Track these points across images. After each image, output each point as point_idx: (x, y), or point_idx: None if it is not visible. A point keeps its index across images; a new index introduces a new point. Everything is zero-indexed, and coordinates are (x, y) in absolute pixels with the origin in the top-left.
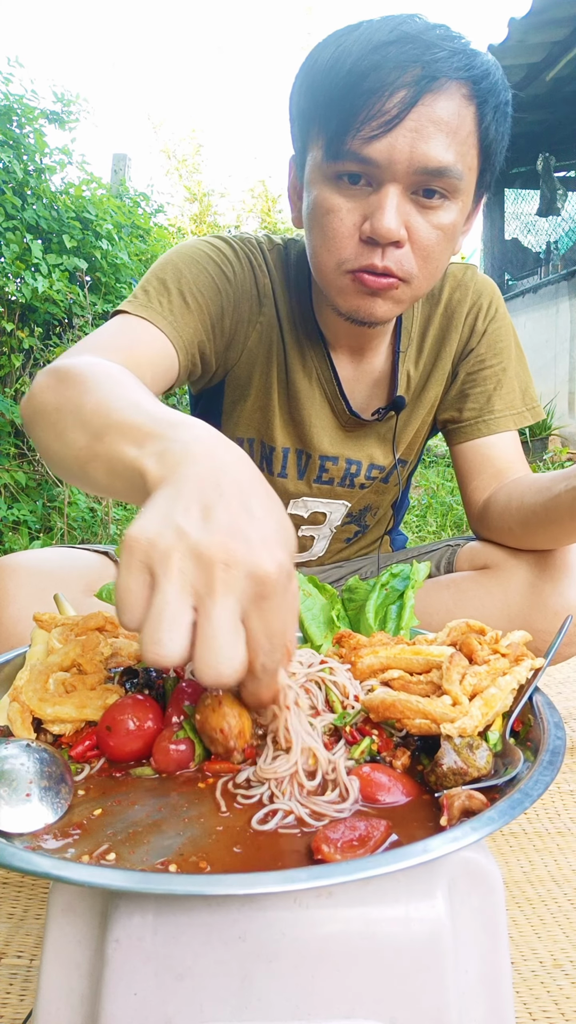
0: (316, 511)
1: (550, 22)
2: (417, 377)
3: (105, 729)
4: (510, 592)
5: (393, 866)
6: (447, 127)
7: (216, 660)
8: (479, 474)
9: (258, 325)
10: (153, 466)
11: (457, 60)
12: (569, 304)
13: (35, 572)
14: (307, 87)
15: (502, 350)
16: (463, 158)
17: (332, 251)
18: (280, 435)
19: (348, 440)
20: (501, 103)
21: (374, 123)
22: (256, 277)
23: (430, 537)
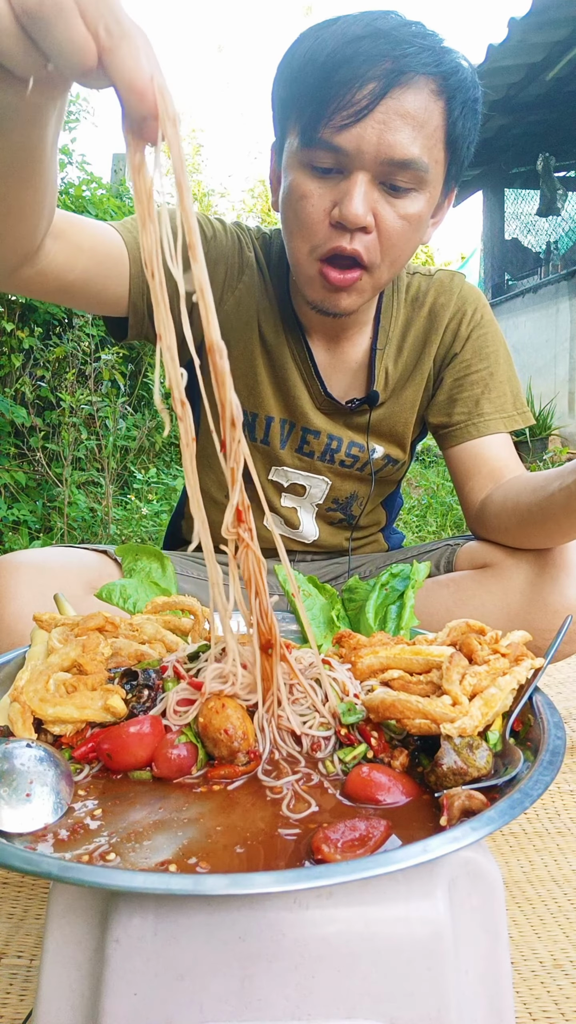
0: (295, 482)
1: (550, 22)
2: (396, 376)
3: (107, 756)
4: (510, 591)
5: (393, 866)
6: (414, 120)
7: None
8: (474, 476)
9: (236, 292)
10: None
11: (426, 56)
12: (569, 304)
13: (36, 570)
14: (286, 77)
15: (489, 355)
16: (429, 151)
17: (305, 236)
18: (267, 402)
19: (327, 419)
20: (469, 99)
21: (344, 113)
22: (241, 248)
23: (430, 537)
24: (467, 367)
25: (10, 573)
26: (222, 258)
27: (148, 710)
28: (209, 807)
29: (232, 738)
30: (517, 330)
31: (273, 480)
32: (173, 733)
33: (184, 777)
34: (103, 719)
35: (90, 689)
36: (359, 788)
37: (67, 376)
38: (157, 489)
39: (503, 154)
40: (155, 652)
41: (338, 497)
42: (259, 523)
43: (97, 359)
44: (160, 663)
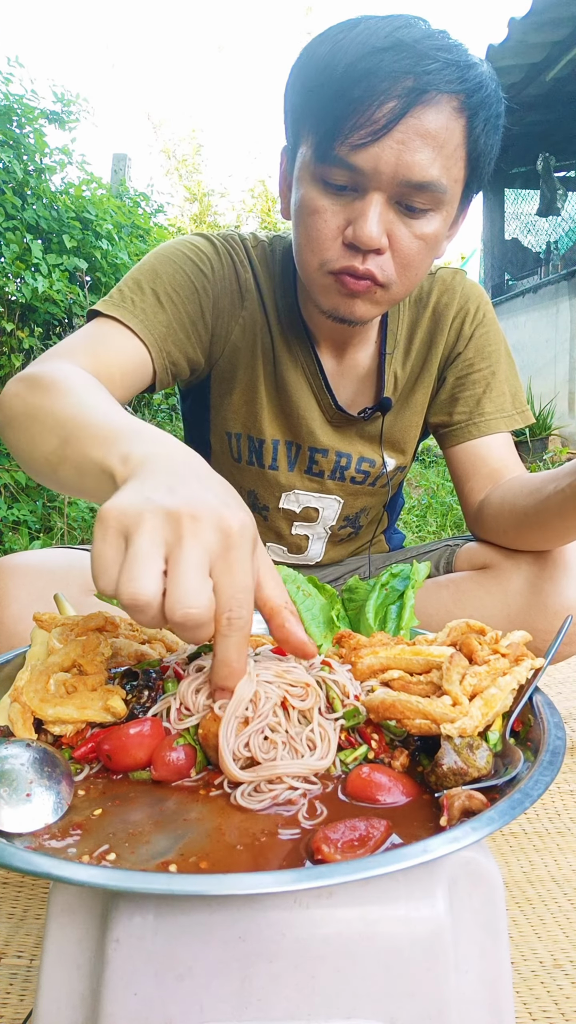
0: (308, 506)
1: (550, 22)
2: (405, 379)
3: (106, 757)
4: (510, 591)
5: (393, 866)
6: (434, 141)
7: (185, 596)
8: (473, 476)
9: (240, 320)
10: (119, 466)
11: (449, 73)
12: (569, 304)
13: (36, 572)
14: (301, 82)
15: (491, 354)
16: (448, 171)
17: (315, 251)
18: (269, 427)
19: (336, 434)
20: (492, 115)
21: (362, 132)
22: (238, 272)
23: (430, 537)
24: (469, 366)
25: (9, 575)
26: (224, 290)
27: (148, 710)
28: (209, 807)
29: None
30: (517, 330)
31: (284, 508)
32: (171, 735)
33: (183, 780)
34: (103, 719)
35: (90, 689)
36: (359, 788)
37: None
38: None
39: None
40: (155, 652)
41: (349, 514)
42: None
43: None
44: (160, 663)
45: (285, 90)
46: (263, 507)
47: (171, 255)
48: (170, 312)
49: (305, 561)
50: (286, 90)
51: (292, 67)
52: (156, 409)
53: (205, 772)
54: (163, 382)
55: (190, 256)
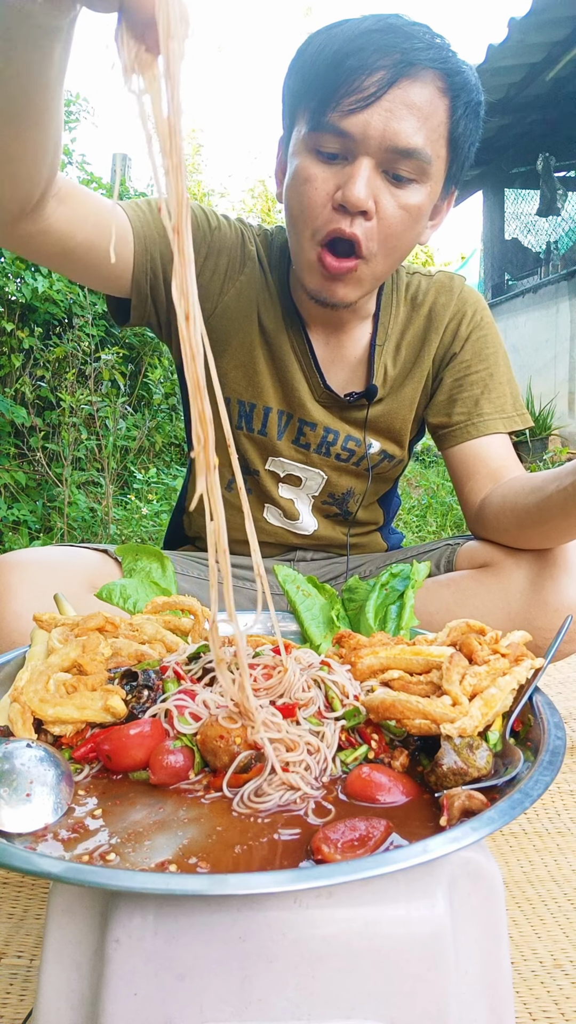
0: (291, 473)
1: (550, 22)
2: (395, 374)
3: (106, 758)
4: (510, 591)
5: (393, 866)
6: (419, 112)
7: None
8: (473, 476)
9: (237, 283)
10: None
11: (434, 52)
12: (569, 304)
13: (37, 569)
14: (297, 69)
15: (488, 356)
16: (432, 144)
17: (306, 220)
18: (265, 393)
19: (325, 412)
20: (473, 102)
21: (352, 98)
22: (244, 242)
23: (430, 537)
24: (467, 367)
25: (10, 572)
26: (225, 249)
27: (148, 710)
28: (209, 807)
29: (230, 742)
30: (517, 330)
31: (270, 470)
32: (169, 738)
33: (182, 783)
34: (103, 719)
35: (90, 689)
36: (360, 788)
37: (67, 376)
38: (157, 489)
39: (503, 154)
40: (155, 652)
41: (334, 492)
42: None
43: (97, 359)
44: (160, 663)
45: (283, 83)
46: (254, 471)
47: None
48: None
49: (302, 530)
50: (284, 80)
51: (290, 61)
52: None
53: (203, 774)
54: (139, 284)
55: (203, 208)
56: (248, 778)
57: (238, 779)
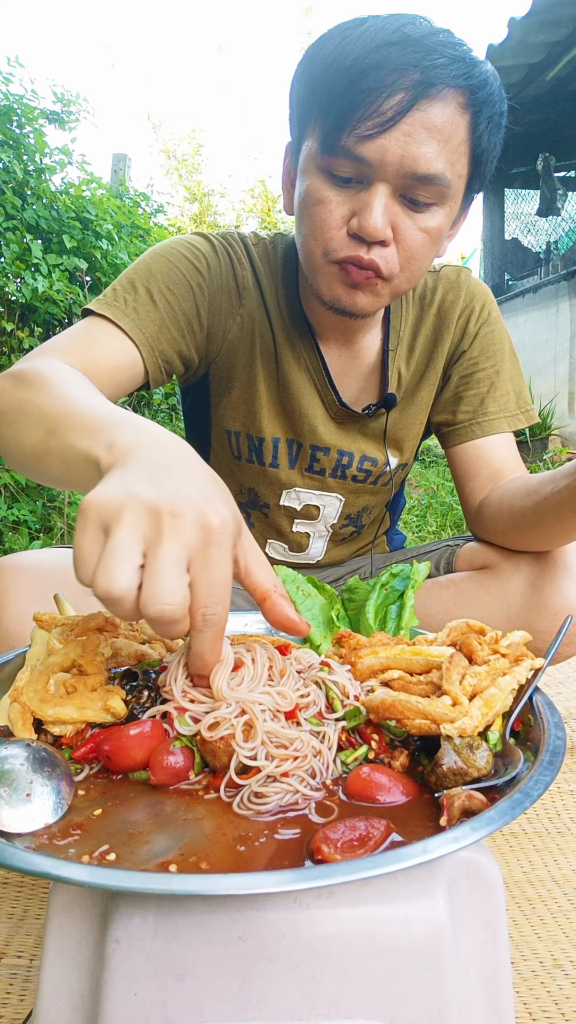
0: (309, 503)
1: (550, 22)
2: (409, 377)
3: (106, 758)
4: (510, 592)
5: (393, 866)
6: (440, 134)
7: (160, 592)
8: (474, 476)
9: (238, 318)
10: (104, 454)
11: (456, 68)
12: (569, 304)
13: (35, 572)
14: (308, 76)
15: (495, 353)
16: (453, 166)
17: (319, 240)
18: (268, 425)
19: (339, 432)
20: (496, 114)
21: (369, 123)
22: (235, 270)
23: (430, 537)
24: (474, 364)
25: (9, 576)
26: (221, 289)
27: (148, 710)
28: (210, 807)
29: (230, 743)
30: (517, 330)
31: (285, 505)
32: (169, 739)
33: (182, 783)
34: (103, 719)
35: (90, 690)
36: (360, 789)
37: None
38: None
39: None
40: (155, 652)
41: (351, 513)
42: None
43: None
44: (160, 663)
45: (291, 85)
46: (263, 504)
47: (167, 253)
48: (163, 310)
49: (306, 560)
50: (292, 84)
51: (299, 62)
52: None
53: (203, 775)
54: (157, 380)
55: (186, 254)
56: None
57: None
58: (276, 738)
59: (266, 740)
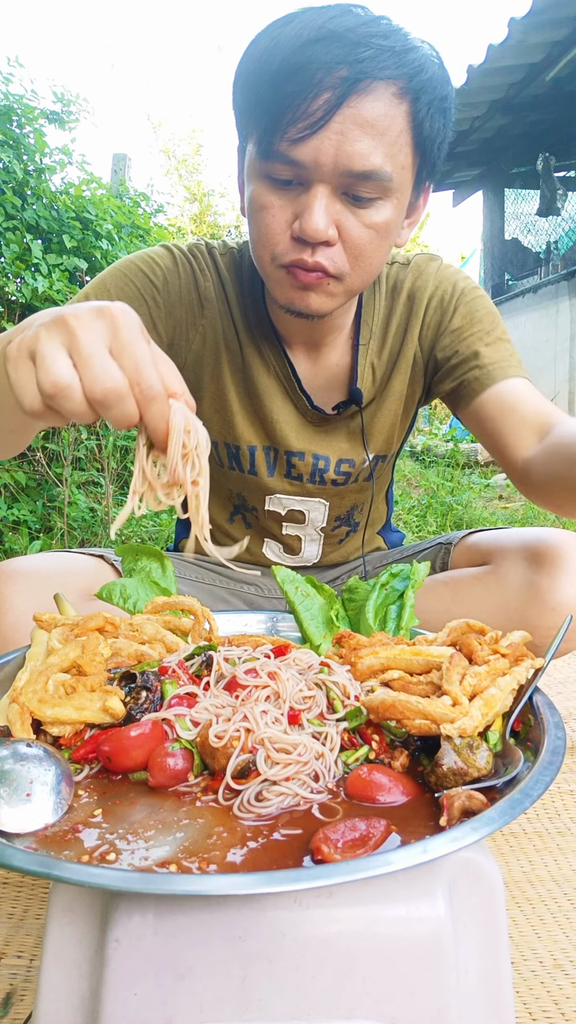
0: (292, 509)
1: (550, 22)
2: (382, 368)
3: (106, 759)
4: (508, 589)
5: (393, 866)
6: (373, 129)
7: (98, 374)
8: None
9: (200, 328)
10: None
11: (385, 59)
12: (569, 304)
13: (33, 578)
14: (242, 81)
15: (482, 318)
16: (393, 158)
17: (266, 246)
18: (244, 433)
19: (315, 436)
20: (437, 98)
21: (299, 125)
22: (197, 281)
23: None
24: (459, 331)
25: (6, 581)
26: (179, 301)
27: (146, 712)
28: (209, 807)
29: (228, 743)
30: (517, 330)
31: (270, 509)
32: (168, 740)
33: (180, 785)
34: (101, 720)
35: (89, 690)
36: (360, 789)
37: None
38: None
39: (503, 154)
40: (155, 652)
41: (340, 514)
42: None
43: None
44: (160, 664)
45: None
46: (252, 508)
47: (123, 267)
48: None
49: (302, 563)
50: (232, 86)
51: (238, 63)
52: None
53: (202, 776)
54: None
55: (142, 268)
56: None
57: (239, 782)
58: (278, 743)
59: (267, 745)
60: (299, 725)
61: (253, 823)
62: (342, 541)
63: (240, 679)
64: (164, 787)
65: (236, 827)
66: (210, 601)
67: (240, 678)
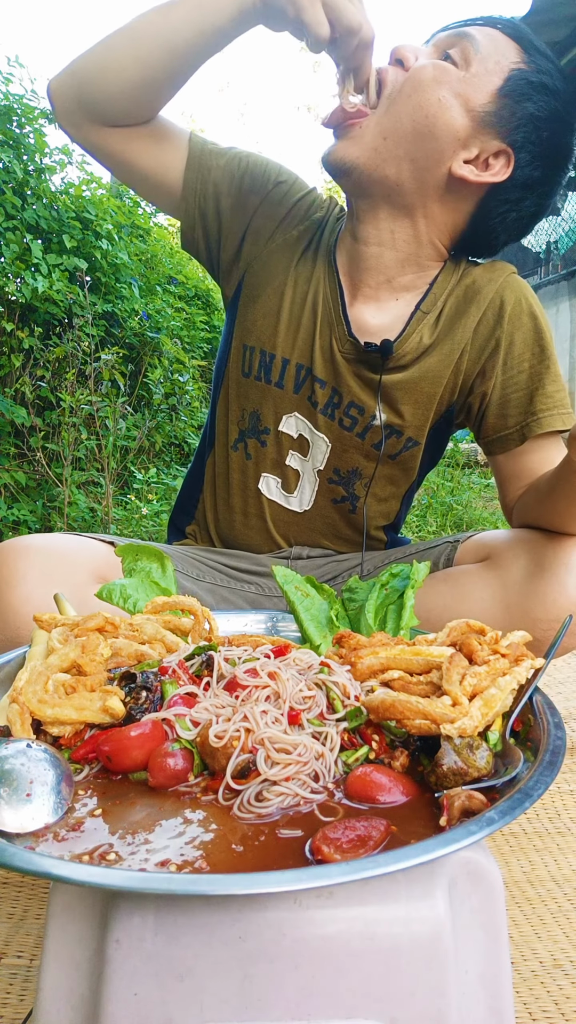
0: (302, 434)
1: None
2: (428, 345)
3: (106, 759)
4: (507, 585)
5: (393, 866)
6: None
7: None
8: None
9: (288, 235)
10: None
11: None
12: (569, 304)
13: (43, 555)
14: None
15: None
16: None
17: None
18: (284, 343)
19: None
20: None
21: None
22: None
23: (430, 537)
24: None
25: (17, 556)
26: (284, 202)
27: (146, 712)
28: (209, 808)
29: (228, 743)
30: None
31: (283, 431)
32: (168, 740)
33: (180, 785)
34: (101, 720)
35: (89, 690)
36: (360, 789)
37: (67, 376)
38: (157, 489)
39: None
40: (155, 652)
41: (340, 467)
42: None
43: (97, 359)
44: (160, 664)
45: None
46: (264, 430)
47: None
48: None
49: (294, 507)
50: None
51: None
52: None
53: (202, 777)
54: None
55: (281, 167)
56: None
57: (239, 782)
58: (278, 743)
59: (267, 745)
60: (299, 725)
61: (253, 823)
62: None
63: (240, 679)
64: (164, 787)
65: (236, 827)
66: (211, 599)
67: (240, 678)
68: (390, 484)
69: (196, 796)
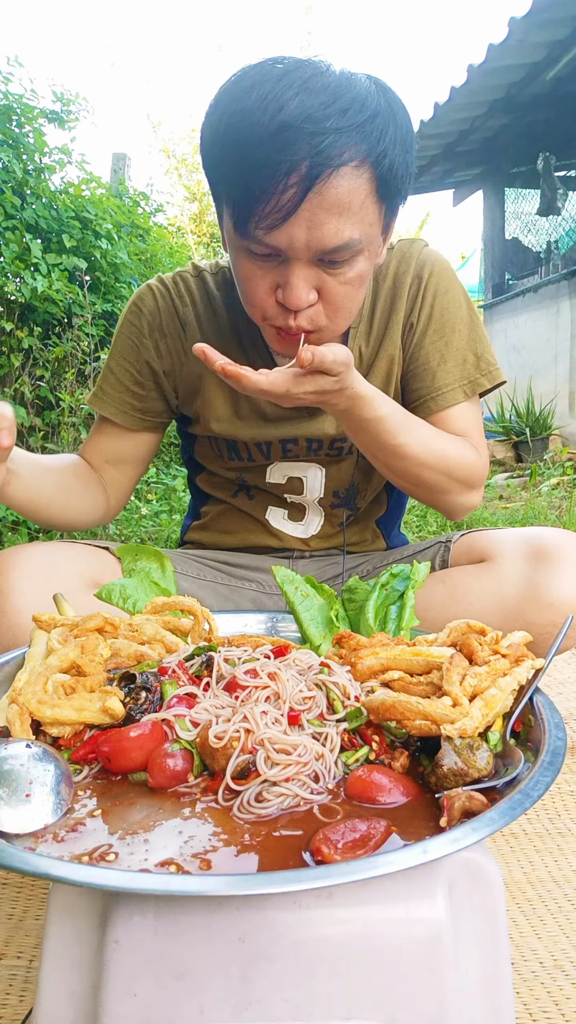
0: (291, 476)
1: (550, 21)
2: (368, 352)
3: (106, 759)
4: (504, 585)
5: (393, 866)
6: (340, 206)
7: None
8: None
9: (188, 350)
10: None
11: (343, 142)
12: (569, 304)
13: (39, 564)
14: (207, 151)
15: (445, 323)
16: (362, 223)
17: (255, 308)
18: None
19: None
20: (399, 150)
21: (269, 217)
22: (177, 310)
23: (431, 537)
24: (422, 337)
25: (13, 566)
26: (163, 334)
27: (146, 712)
28: (209, 808)
29: (228, 744)
30: (517, 330)
31: (272, 482)
32: (168, 741)
33: (180, 785)
34: (101, 721)
35: (88, 691)
36: (360, 789)
37: (66, 376)
38: (157, 489)
39: (503, 154)
40: (155, 653)
41: (338, 490)
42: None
43: (97, 359)
44: (159, 664)
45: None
46: (253, 486)
47: (120, 324)
48: (122, 377)
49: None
50: (200, 150)
51: (201, 128)
52: None
53: (202, 777)
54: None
55: (128, 318)
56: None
57: (238, 783)
58: (278, 744)
59: (267, 745)
60: (299, 726)
61: (253, 824)
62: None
63: (240, 680)
64: (164, 788)
65: (236, 828)
66: (212, 599)
67: (240, 679)
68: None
69: (196, 797)
